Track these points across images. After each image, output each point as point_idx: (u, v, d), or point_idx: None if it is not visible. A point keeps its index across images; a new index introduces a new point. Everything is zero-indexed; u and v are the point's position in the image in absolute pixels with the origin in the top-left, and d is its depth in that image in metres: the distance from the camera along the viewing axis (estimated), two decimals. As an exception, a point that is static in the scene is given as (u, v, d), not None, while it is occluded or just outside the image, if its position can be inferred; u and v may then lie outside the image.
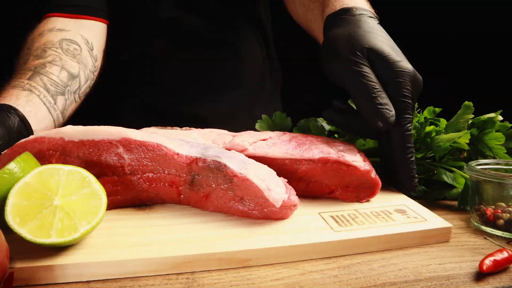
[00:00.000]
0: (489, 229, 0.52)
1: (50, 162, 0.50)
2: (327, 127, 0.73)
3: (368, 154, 0.72)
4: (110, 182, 0.51)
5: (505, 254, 0.43)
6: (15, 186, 0.40)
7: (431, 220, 0.51)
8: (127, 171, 0.51)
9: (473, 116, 0.63)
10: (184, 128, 0.63)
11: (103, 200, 0.43)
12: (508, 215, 0.51)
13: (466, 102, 0.64)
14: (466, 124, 0.63)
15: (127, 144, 0.50)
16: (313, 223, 0.49)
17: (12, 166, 0.43)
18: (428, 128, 0.63)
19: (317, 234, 0.46)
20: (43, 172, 0.42)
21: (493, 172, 0.53)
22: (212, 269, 0.42)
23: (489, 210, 0.53)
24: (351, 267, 0.43)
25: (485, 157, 0.68)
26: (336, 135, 0.75)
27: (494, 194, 0.54)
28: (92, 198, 0.42)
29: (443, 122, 0.68)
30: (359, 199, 0.56)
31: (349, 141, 0.69)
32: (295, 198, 0.49)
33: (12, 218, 0.38)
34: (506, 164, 0.58)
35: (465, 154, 0.69)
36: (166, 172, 0.51)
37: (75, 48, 0.78)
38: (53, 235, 0.39)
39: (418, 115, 0.70)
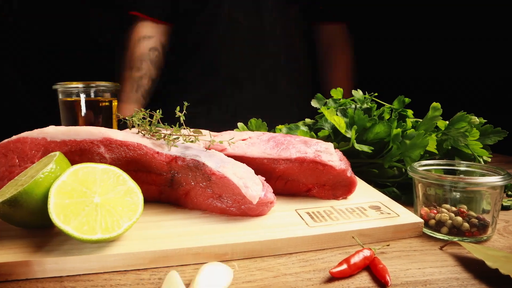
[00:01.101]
0: (426, 230, 0.51)
1: (33, 162, 0.51)
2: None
3: (347, 154, 0.74)
4: (92, 181, 0.52)
5: (360, 256, 0.42)
6: (53, 185, 0.42)
7: (403, 215, 0.52)
8: (109, 170, 0.52)
9: (441, 117, 0.65)
10: (195, 130, 0.64)
11: (140, 197, 0.45)
12: (440, 215, 0.50)
13: (434, 104, 0.66)
14: (434, 126, 0.65)
15: (108, 144, 0.51)
16: (289, 219, 0.51)
17: (54, 166, 0.44)
18: (395, 131, 0.64)
19: (291, 229, 0.48)
20: (78, 171, 0.44)
21: (432, 173, 0.51)
22: (189, 264, 0.43)
23: (424, 210, 0.53)
24: (327, 270, 0.42)
25: (464, 157, 0.70)
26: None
27: (437, 196, 0.52)
28: (128, 195, 0.44)
29: (409, 112, 0.71)
30: (336, 197, 0.58)
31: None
32: (271, 196, 0.50)
33: (56, 216, 0.40)
34: (449, 165, 0.57)
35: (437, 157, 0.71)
36: (146, 171, 0.53)
37: (156, 55, 1.18)
38: (99, 232, 0.40)
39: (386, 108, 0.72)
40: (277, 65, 1.20)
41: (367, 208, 0.55)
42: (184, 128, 0.53)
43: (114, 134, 0.52)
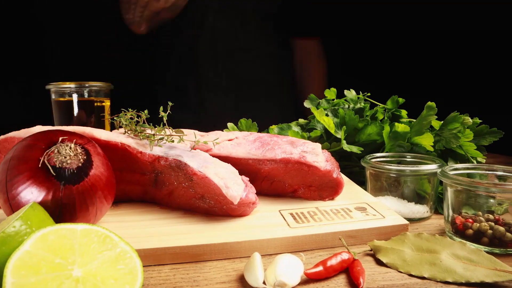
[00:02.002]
0: (459, 240, 0.47)
1: (20, 161, 0.52)
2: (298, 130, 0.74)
3: (339, 155, 0.73)
4: (77, 180, 0.52)
5: (338, 259, 0.41)
6: (12, 258, 0.30)
7: (389, 217, 0.52)
8: (93, 170, 0.53)
9: (436, 117, 0.64)
10: (177, 130, 0.65)
11: (137, 262, 0.34)
12: (478, 224, 0.47)
13: (429, 103, 0.64)
14: (429, 125, 0.63)
15: (93, 143, 0.52)
16: (272, 220, 0.50)
17: (18, 224, 0.33)
18: (387, 128, 0.64)
19: (272, 230, 0.47)
20: (47, 236, 0.33)
21: (467, 179, 0.48)
22: (166, 263, 0.43)
23: (459, 219, 0.49)
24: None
25: (458, 157, 0.69)
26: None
27: (468, 202, 0.49)
28: (120, 261, 0.34)
29: (403, 113, 0.70)
30: (322, 198, 0.58)
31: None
32: (253, 196, 0.50)
33: None
34: (477, 169, 0.55)
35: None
36: (131, 171, 0.53)
37: None
38: None
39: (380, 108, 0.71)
40: (255, 74, 1.27)
41: (353, 209, 0.54)
42: (167, 128, 0.53)
43: (98, 133, 0.52)
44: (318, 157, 0.56)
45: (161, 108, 0.53)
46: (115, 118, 0.58)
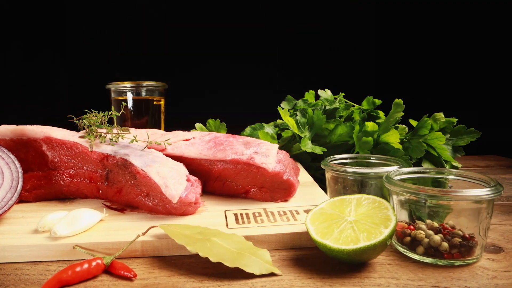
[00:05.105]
0: (400, 248, 0.46)
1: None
2: (270, 131, 0.73)
3: (311, 156, 0.72)
4: (35, 177, 0.56)
5: (85, 266, 0.40)
6: (309, 214, 0.46)
7: (334, 221, 0.50)
8: (50, 167, 0.56)
9: (403, 113, 0.61)
10: (123, 128, 0.67)
11: (390, 211, 0.43)
12: (415, 232, 0.45)
13: (397, 100, 0.62)
14: (395, 122, 0.61)
15: (50, 142, 0.55)
16: (213, 220, 0.51)
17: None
18: (357, 128, 0.62)
19: (206, 230, 0.47)
20: (332, 201, 0.47)
21: (411, 185, 0.44)
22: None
23: (400, 225, 0.47)
24: (221, 267, 0.41)
25: (432, 160, 0.65)
26: None
27: (412, 208, 0.46)
28: (378, 211, 0.44)
29: (381, 114, 0.67)
30: (274, 200, 0.57)
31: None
32: (192, 197, 0.51)
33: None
34: (425, 173, 0.51)
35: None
36: (85, 169, 0.55)
37: None
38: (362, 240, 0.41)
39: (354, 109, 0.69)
40: None
41: (301, 211, 0.53)
42: (116, 128, 0.55)
43: (54, 133, 0.55)
44: (268, 158, 0.55)
45: (113, 107, 0.55)
46: (77, 120, 0.61)
